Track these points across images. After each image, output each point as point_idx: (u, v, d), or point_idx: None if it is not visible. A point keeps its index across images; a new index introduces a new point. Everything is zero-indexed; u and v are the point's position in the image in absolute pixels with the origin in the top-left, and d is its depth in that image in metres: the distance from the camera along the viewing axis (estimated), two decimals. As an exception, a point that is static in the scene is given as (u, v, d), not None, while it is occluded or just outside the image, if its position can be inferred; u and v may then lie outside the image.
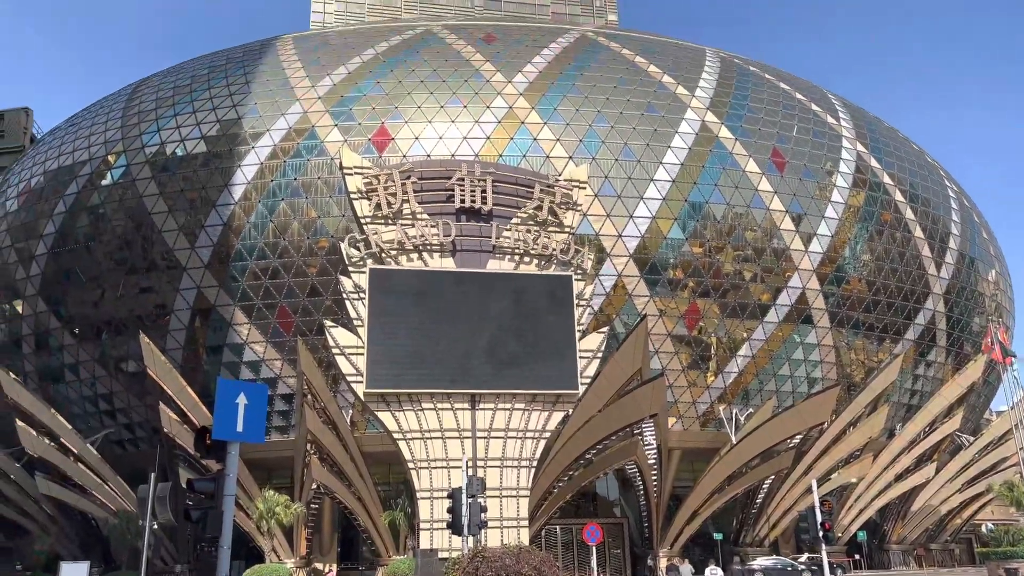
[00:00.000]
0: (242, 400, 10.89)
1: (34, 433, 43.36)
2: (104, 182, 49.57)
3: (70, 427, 45.01)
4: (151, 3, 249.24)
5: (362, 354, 30.24)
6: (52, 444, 44.06)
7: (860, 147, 55.31)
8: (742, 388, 49.25)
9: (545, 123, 47.98)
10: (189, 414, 41.06)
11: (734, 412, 47.91)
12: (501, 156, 45.80)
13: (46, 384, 50.20)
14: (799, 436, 44.75)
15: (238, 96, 50.32)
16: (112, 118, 52.75)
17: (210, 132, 48.64)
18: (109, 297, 48.33)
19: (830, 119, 56.45)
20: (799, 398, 47.94)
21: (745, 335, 48.58)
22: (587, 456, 40.03)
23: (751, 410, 47.91)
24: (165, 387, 41.47)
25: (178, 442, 40.67)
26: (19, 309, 51.03)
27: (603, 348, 33.77)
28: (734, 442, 45.81)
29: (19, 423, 42.84)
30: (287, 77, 51.23)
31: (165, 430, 40.94)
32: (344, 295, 31.53)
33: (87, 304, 49.18)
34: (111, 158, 50.09)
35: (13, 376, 44.70)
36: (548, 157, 46.20)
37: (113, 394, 49.17)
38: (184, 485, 32.97)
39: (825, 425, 45.70)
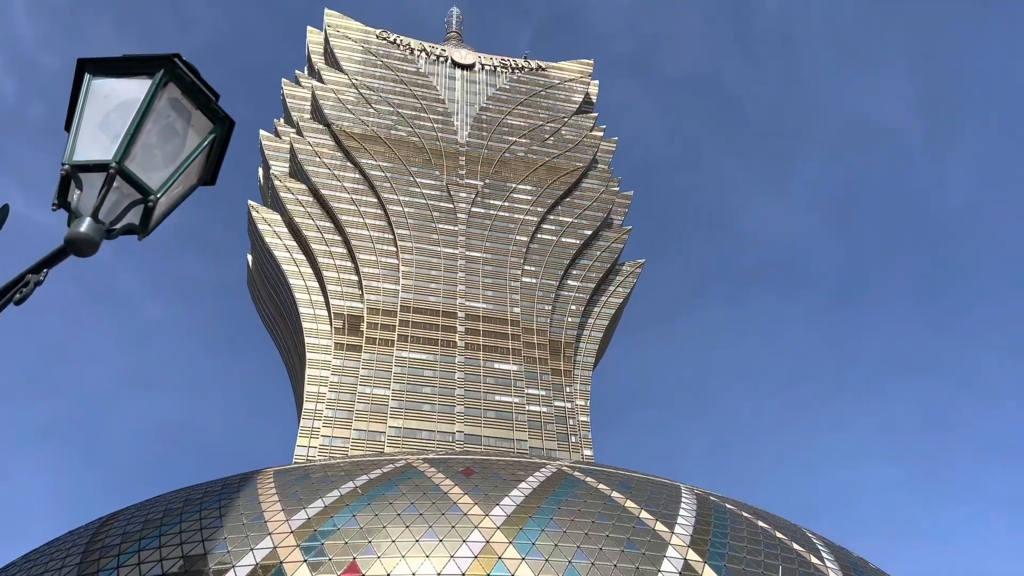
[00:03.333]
0: None
1: None
2: (45, 624, 45.67)
3: None
4: (145, 433, 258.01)
5: None
6: None
7: (851, 588, 53.22)
8: None
9: (523, 559, 46.54)
10: None
11: None
12: (477, 596, 43.49)
13: None
14: None
15: (208, 530, 49.20)
16: (72, 554, 50.65)
17: (172, 569, 46.42)
18: None
19: (814, 559, 55.25)
20: None
21: None
22: None
23: None
24: None
25: None
26: None
27: None
28: None
29: None
30: (262, 510, 50.77)
31: None
32: None
33: None
34: (60, 597, 46.88)
35: None
36: (526, 598, 43.89)
37: None
38: None
39: None
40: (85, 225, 4.17)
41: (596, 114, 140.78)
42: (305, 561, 45.69)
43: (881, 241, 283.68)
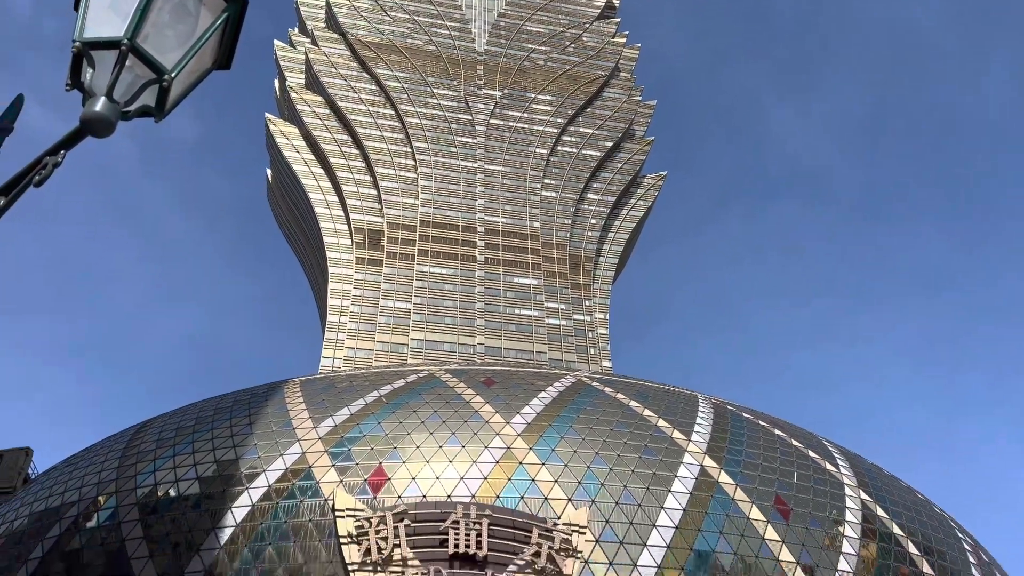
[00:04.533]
0: None
1: None
2: (89, 524, 47.92)
3: None
4: (174, 346, 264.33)
5: None
6: None
7: (864, 495, 54.35)
8: None
9: (543, 464, 47.79)
10: None
11: None
12: (499, 497, 44.83)
13: None
14: None
15: (239, 437, 50.82)
16: (110, 458, 52.72)
17: (206, 473, 48.25)
18: (66, 655, 43.97)
19: (829, 466, 56.26)
20: None
21: None
22: None
23: None
24: None
25: None
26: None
27: None
28: None
29: None
30: (290, 418, 52.23)
31: None
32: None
33: (40, 662, 44.56)
34: (101, 499, 49.04)
35: None
36: (547, 499, 45.22)
37: None
38: None
39: None
40: (100, 104, 4.10)
41: (619, 19, 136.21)
42: (333, 466, 47.23)
43: (909, 154, 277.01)
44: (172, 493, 47.86)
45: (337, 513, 33.14)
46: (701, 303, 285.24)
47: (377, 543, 31.25)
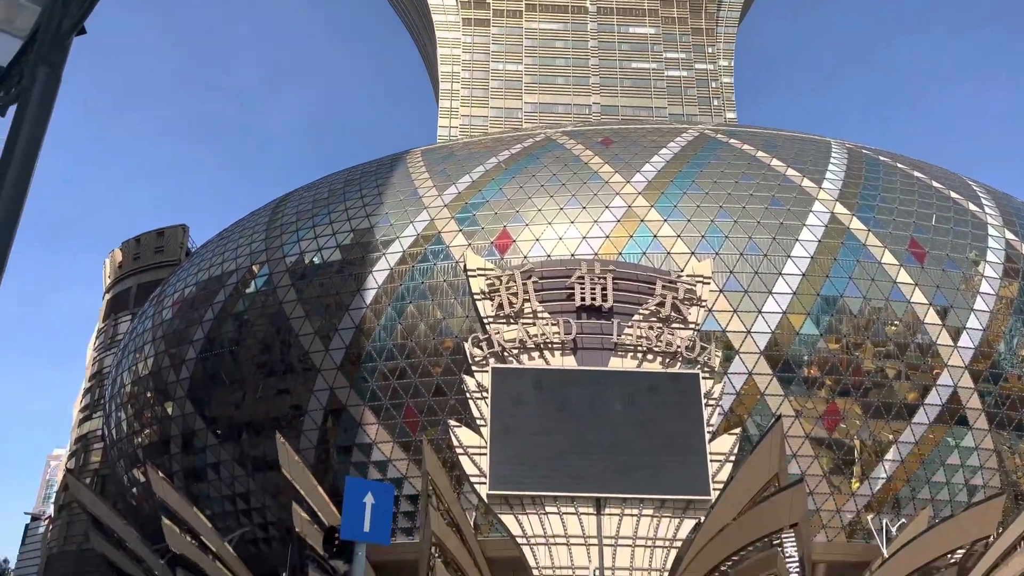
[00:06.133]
0: (369, 500, 10.96)
1: (178, 531, 45.34)
2: (248, 290, 53.15)
3: (210, 526, 46.82)
4: (299, 124, 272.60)
5: (485, 454, 30.22)
6: (193, 542, 45.84)
7: (1009, 235, 51.80)
8: (892, 496, 45.31)
9: (665, 220, 47.86)
10: (320, 514, 41.82)
11: (884, 522, 43.92)
12: (621, 254, 45.81)
13: (190, 483, 52.79)
14: (961, 551, 40.35)
15: (371, 207, 53.37)
16: (257, 231, 57.03)
17: (345, 241, 51.57)
18: (249, 399, 50.89)
19: (972, 206, 53.42)
20: (958, 507, 43.52)
21: (892, 437, 45.10)
22: (722, 569, 37.54)
23: (903, 520, 43.84)
24: (298, 487, 42.60)
25: (308, 542, 41.34)
26: (169, 411, 54.52)
27: (735, 451, 32.19)
28: (886, 556, 41.82)
29: (165, 521, 44.99)
30: (415, 187, 54.00)
31: (296, 530, 41.81)
32: (468, 394, 31.85)
33: (229, 406, 51.94)
34: (255, 268, 53.83)
35: (161, 475, 47.37)
36: (669, 254, 45.83)
37: (250, 493, 50.99)
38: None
39: (991, 539, 41.11)
40: None
41: None
42: (460, 231, 49.22)
43: None
44: (316, 260, 51.80)
45: (469, 273, 35.44)
46: (837, 43, 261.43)
47: (508, 298, 33.23)
